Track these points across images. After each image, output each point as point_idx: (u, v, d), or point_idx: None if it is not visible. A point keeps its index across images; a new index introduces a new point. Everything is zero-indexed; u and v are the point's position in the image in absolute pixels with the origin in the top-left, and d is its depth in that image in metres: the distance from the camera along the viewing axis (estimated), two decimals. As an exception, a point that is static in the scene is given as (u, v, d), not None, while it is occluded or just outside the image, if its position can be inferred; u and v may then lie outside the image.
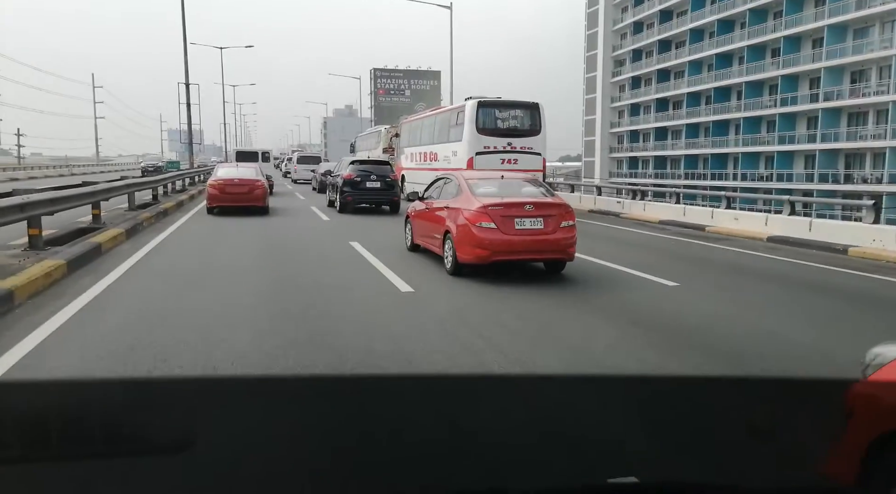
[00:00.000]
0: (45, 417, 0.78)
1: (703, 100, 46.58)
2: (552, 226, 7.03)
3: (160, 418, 0.82)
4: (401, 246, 9.44)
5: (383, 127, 27.87)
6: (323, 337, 4.57)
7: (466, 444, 0.90)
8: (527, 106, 15.23)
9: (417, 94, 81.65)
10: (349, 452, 0.85)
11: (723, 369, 4.16)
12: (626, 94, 56.36)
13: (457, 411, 0.93)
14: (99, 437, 0.80)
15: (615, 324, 5.30)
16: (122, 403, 0.83)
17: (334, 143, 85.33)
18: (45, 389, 0.94)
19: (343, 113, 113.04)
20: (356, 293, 6.30)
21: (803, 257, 9.83)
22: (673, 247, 11.09)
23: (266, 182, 14.65)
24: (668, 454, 0.98)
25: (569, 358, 4.31)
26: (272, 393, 0.91)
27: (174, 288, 6.33)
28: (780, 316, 5.87)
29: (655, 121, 51.40)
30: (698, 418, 1.03)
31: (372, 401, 0.92)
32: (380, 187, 15.16)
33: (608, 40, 58.44)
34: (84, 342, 4.37)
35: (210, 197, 14.07)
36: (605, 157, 59.50)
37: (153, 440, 0.81)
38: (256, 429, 0.83)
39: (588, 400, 1.02)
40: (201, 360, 3.96)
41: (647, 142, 54.29)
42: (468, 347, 4.40)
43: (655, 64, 50.97)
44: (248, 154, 25.40)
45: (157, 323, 4.86)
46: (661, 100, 50.79)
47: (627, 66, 56.30)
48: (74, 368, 3.80)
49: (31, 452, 0.77)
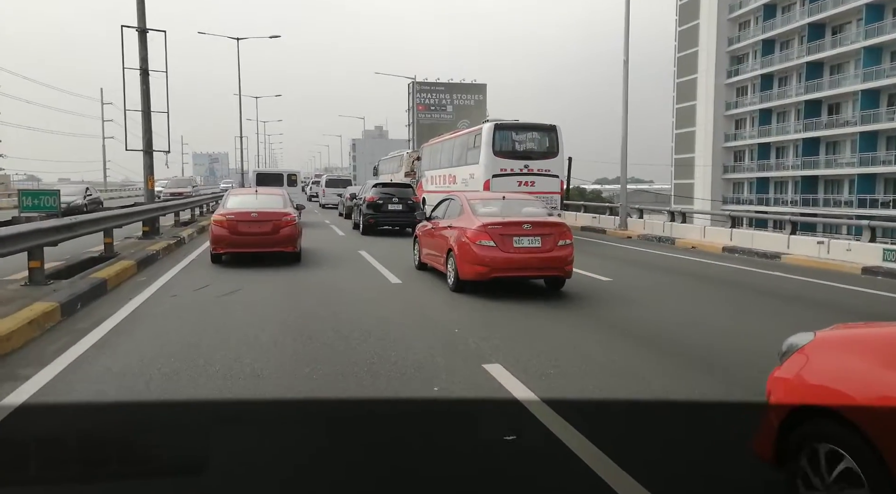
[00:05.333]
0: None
1: (883, 101, 42.96)
2: (550, 244, 8.65)
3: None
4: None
5: (405, 151, 33.56)
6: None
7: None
8: (544, 128, 17.72)
9: (461, 110, 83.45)
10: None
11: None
12: (751, 98, 54.79)
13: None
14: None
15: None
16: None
17: (363, 166, 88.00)
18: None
19: (373, 134, 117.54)
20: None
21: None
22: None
23: (297, 215, 12.49)
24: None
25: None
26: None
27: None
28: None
29: (805, 131, 48.47)
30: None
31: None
32: (401, 209, 18.32)
33: (722, 31, 57.33)
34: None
35: (215, 238, 11.52)
36: (717, 178, 57.81)
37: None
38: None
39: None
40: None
41: (781, 158, 52.27)
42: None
43: (806, 54, 48.18)
44: (270, 176, 24.52)
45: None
46: (811, 103, 48.41)
47: (751, 63, 54.91)
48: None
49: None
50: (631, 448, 3.80)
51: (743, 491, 3.40)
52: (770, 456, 2.89)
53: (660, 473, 3.47)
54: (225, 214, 11.67)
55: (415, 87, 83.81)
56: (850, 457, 2.50)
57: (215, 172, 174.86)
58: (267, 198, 12.64)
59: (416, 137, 75.08)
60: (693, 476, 3.54)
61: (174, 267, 11.43)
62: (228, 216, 11.57)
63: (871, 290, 10.55)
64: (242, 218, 11.54)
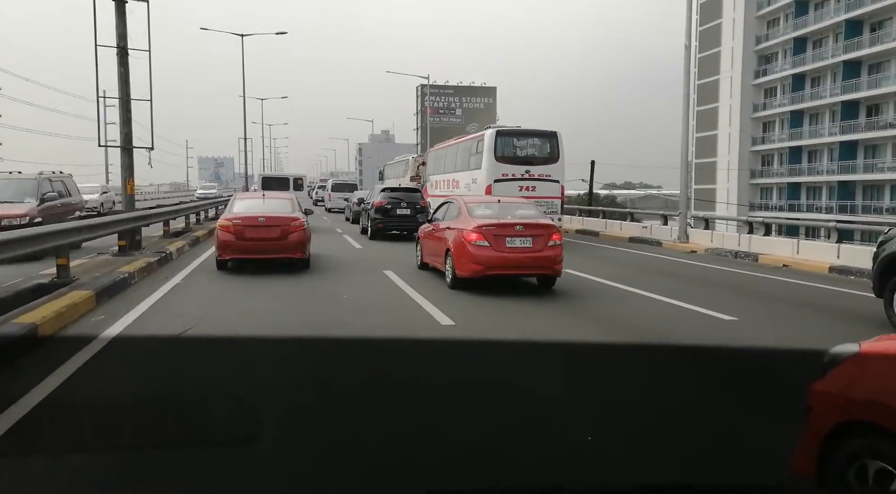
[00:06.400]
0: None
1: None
2: (540, 244, 9.20)
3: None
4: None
5: (411, 156, 33.46)
6: None
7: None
8: (545, 134, 18.12)
9: (470, 113, 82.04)
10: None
11: None
12: (781, 99, 51.94)
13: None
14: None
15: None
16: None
17: (370, 170, 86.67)
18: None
19: (379, 138, 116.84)
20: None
21: None
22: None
23: (306, 220, 12.09)
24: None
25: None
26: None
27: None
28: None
29: (841, 133, 45.52)
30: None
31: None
32: (409, 214, 18.37)
33: (750, 30, 54.65)
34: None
35: (221, 244, 11.17)
36: (744, 183, 55.04)
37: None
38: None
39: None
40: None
41: (814, 162, 49.35)
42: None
43: (842, 52, 45.24)
44: (277, 180, 24.66)
45: None
46: (848, 104, 45.38)
47: (781, 62, 52.08)
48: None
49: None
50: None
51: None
52: (811, 472, 2.78)
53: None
54: (231, 219, 11.24)
55: (424, 90, 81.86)
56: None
57: (220, 177, 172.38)
58: (275, 203, 12.31)
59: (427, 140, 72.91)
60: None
61: (150, 296, 8.66)
62: (235, 221, 11.16)
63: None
64: (249, 222, 11.15)
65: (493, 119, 79.64)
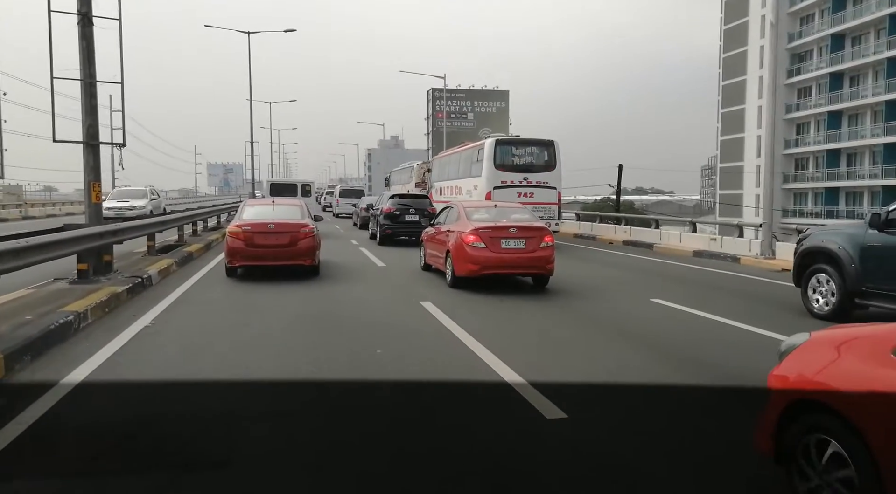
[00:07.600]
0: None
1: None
2: (533, 245, 10.01)
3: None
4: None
5: (416, 163, 34.29)
6: None
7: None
8: (543, 143, 18.93)
9: (482, 118, 79.74)
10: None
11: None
12: (817, 99, 48.95)
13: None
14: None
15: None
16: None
17: (378, 176, 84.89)
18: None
19: (389, 144, 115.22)
20: None
21: None
22: None
23: (315, 226, 12.02)
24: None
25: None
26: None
27: None
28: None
29: (885, 135, 42.60)
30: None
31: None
32: (418, 220, 18.25)
33: (782, 27, 51.75)
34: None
35: (231, 251, 11.22)
36: (778, 188, 52.01)
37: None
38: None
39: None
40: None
41: (854, 166, 46.30)
42: None
43: (886, 49, 42.43)
44: (285, 186, 24.61)
45: None
46: (893, 104, 42.50)
47: (816, 61, 49.12)
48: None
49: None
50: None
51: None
52: (769, 450, 3.05)
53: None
54: (241, 225, 11.37)
55: (435, 94, 79.37)
56: (836, 442, 2.70)
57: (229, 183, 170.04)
58: (284, 209, 12.49)
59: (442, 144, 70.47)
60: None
61: (98, 352, 5.85)
62: (244, 227, 11.30)
63: None
64: (259, 229, 11.27)
65: (506, 123, 76.88)
